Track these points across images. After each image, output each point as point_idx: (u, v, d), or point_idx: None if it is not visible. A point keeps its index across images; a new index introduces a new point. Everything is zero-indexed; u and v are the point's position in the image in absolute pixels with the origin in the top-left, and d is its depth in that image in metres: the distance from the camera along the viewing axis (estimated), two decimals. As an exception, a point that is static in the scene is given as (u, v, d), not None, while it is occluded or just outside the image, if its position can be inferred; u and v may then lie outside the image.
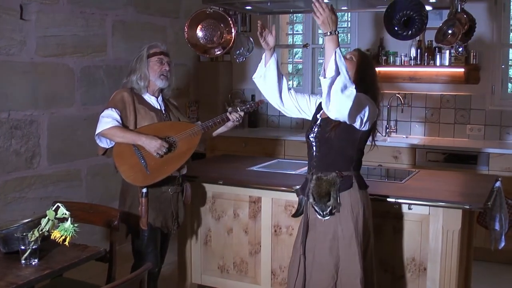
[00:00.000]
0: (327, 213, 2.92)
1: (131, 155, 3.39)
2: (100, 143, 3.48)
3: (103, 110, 3.45)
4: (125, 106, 3.45)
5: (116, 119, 3.39)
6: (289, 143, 5.77)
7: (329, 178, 2.93)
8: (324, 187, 2.92)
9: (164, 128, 3.49)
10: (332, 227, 2.93)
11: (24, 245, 2.61)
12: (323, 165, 2.99)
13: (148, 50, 3.54)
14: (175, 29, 5.95)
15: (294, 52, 7.30)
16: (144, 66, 3.50)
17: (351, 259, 2.93)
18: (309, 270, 3.01)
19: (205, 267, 4.12)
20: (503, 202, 3.64)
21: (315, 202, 2.95)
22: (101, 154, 3.55)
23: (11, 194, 4.34)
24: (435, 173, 4.28)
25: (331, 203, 2.90)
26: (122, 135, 3.37)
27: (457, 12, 4.24)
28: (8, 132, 4.29)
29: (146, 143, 3.35)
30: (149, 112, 3.50)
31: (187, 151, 3.50)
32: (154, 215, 3.49)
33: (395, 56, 5.65)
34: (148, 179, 3.40)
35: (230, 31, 4.65)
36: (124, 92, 3.49)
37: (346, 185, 2.93)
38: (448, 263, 3.32)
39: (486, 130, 5.55)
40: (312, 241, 3.01)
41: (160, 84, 3.54)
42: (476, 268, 4.15)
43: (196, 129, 3.52)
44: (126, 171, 3.39)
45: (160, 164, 3.41)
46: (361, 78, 2.95)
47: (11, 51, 4.29)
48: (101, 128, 3.38)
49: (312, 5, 2.79)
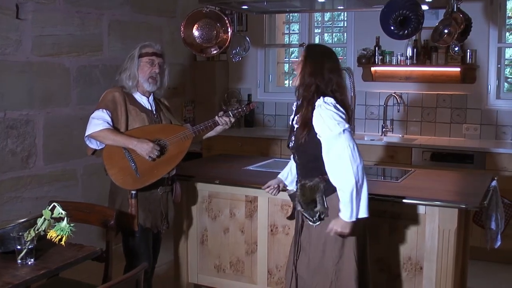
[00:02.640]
0: (316, 219, 2.90)
1: (121, 158, 3.35)
2: (90, 144, 3.44)
3: (93, 111, 3.40)
4: (116, 106, 3.40)
5: (107, 121, 3.34)
6: (285, 142, 5.73)
7: (312, 184, 2.90)
8: (309, 193, 2.90)
9: (155, 131, 3.46)
10: (323, 231, 2.90)
11: (20, 244, 2.60)
12: (305, 171, 2.98)
13: (140, 49, 3.48)
14: (171, 28, 5.95)
15: (290, 52, 7.29)
16: (134, 65, 3.44)
17: (345, 261, 2.92)
18: (304, 275, 3.01)
19: (202, 267, 4.12)
20: (499, 201, 3.65)
21: (303, 210, 2.95)
22: (90, 155, 3.52)
23: (7, 194, 4.33)
24: (431, 173, 4.28)
25: (318, 209, 2.88)
26: (113, 138, 3.32)
27: (453, 12, 4.25)
28: (3, 132, 4.28)
29: (137, 146, 3.31)
30: (140, 113, 3.45)
31: (178, 155, 3.46)
32: (144, 215, 3.46)
33: (391, 56, 5.66)
34: (138, 183, 3.37)
35: (227, 30, 4.65)
36: (116, 92, 3.44)
37: (332, 188, 2.86)
38: (444, 262, 3.32)
39: (482, 129, 5.56)
40: (306, 244, 3.01)
41: (148, 87, 3.47)
42: (472, 267, 4.16)
43: (187, 132, 3.48)
44: (115, 174, 3.36)
45: (151, 168, 3.37)
46: (311, 72, 2.88)
47: (7, 51, 4.28)
48: (92, 130, 3.33)
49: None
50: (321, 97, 2.85)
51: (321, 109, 2.83)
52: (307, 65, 2.91)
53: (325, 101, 2.83)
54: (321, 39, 6.69)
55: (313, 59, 2.93)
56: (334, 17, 6.97)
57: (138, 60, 3.45)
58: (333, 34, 6.88)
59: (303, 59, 2.95)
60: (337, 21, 7.06)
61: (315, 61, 2.92)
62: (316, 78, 2.88)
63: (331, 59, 2.95)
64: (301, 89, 2.93)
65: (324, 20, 6.75)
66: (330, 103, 2.83)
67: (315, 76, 2.88)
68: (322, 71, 2.88)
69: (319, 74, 2.88)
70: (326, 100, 2.83)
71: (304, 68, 2.92)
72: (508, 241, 4.50)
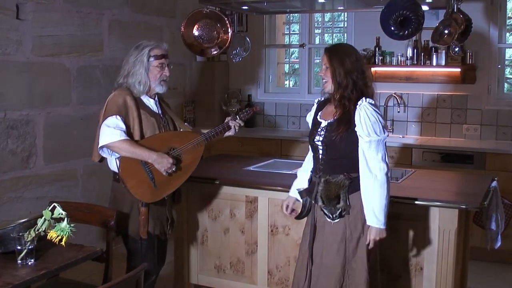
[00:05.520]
0: (336, 216, 2.93)
1: (139, 170, 3.23)
2: (102, 153, 3.29)
3: (106, 117, 3.21)
4: (128, 112, 3.25)
5: (123, 129, 3.19)
6: (286, 143, 5.77)
7: (337, 180, 2.93)
8: (333, 189, 2.93)
9: (168, 138, 3.37)
10: (341, 229, 2.94)
11: (20, 245, 2.60)
12: (330, 168, 2.99)
13: (149, 52, 3.31)
14: (172, 28, 5.95)
15: (290, 52, 7.30)
16: (143, 70, 3.29)
17: (357, 260, 2.95)
18: (316, 273, 3.02)
19: (202, 267, 4.12)
20: (499, 202, 3.65)
21: (324, 205, 2.95)
22: (97, 161, 3.39)
23: (7, 194, 4.33)
24: (431, 173, 4.28)
25: (340, 206, 2.91)
26: (131, 151, 3.18)
27: (453, 12, 4.25)
28: (4, 132, 4.28)
29: (157, 161, 3.21)
30: (150, 118, 3.34)
31: (192, 163, 3.39)
32: (153, 223, 3.38)
33: (391, 56, 5.66)
34: (156, 195, 3.28)
35: (227, 30, 4.65)
36: (127, 96, 3.27)
37: (355, 187, 2.92)
38: (444, 262, 3.32)
39: (482, 130, 5.56)
40: (320, 244, 3.02)
41: (160, 90, 3.38)
42: (473, 267, 4.16)
43: (200, 139, 3.40)
44: (134, 186, 3.22)
45: (167, 179, 3.29)
46: (343, 73, 2.92)
47: (7, 51, 4.28)
48: (108, 140, 3.16)
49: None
50: (363, 98, 2.91)
51: (366, 111, 2.89)
52: (336, 68, 2.94)
53: (369, 102, 2.90)
54: (321, 39, 6.69)
55: (340, 60, 2.95)
56: (334, 18, 6.97)
57: (148, 63, 3.30)
58: (333, 35, 6.88)
59: (329, 63, 2.97)
60: (337, 22, 7.07)
61: (343, 62, 2.94)
62: (350, 76, 2.92)
63: (352, 54, 2.99)
64: (339, 92, 2.95)
65: (324, 20, 6.75)
66: (372, 104, 2.91)
67: (349, 75, 2.92)
68: (352, 68, 2.93)
69: (350, 72, 2.93)
70: (369, 101, 2.90)
71: (334, 72, 2.94)
72: (508, 241, 4.51)
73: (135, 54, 3.33)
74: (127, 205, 3.35)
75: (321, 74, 3.04)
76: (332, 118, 2.99)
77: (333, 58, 2.97)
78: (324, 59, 3.01)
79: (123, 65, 3.40)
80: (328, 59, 2.97)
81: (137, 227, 3.33)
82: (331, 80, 2.97)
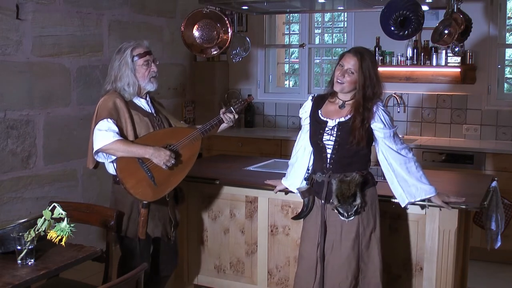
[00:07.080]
0: (352, 213, 2.97)
1: (137, 169, 3.16)
2: (98, 158, 3.24)
3: (97, 122, 3.16)
4: (119, 114, 3.20)
5: (115, 131, 3.13)
6: (286, 143, 5.77)
7: (352, 178, 2.98)
8: (350, 188, 2.96)
9: (164, 136, 3.31)
10: (355, 226, 3.00)
11: (20, 245, 2.60)
12: (341, 166, 3.03)
13: (131, 52, 3.25)
14: (172, 29, 5.95)
15: (290, 52, 7.30)
16: (130, 71, 3.23)
17: (371, 254, 3.04)
18: (328, 272, 3.04)
19: (202, 267, 4.12)
20: (499, 202, 3.65)
21: (339, 204, 2.98)
22: (92, 168, 3.35)
23: (7, 194, 4.33)
24: (431, 173, 4.25)
25: (357, 203, 2.96)
26: (127, 150, 3.12)
27: (453, 12, 4.25)
28: (4, 132, 4.28)
29: (154, 155, 3.14)
30: (143, 118, 3.29)
31: (190, 158, 3.33)
32: (153, 224, 3.34)
33: (391, 56, 5.66)
34: (157, 193, 3.21)
35: (227, 30, 4.65)
36: (117, 99, 3.21)
37: (367, 183, 3.03)
38: (444, 262, 3.33)
39: (482, 130, 5.56)
40: (330, 243, 3.05)
41: (151, 88, 3.32)
42: (472, 267, 4.16)
43: (196, 134, 3.35)
44: (134, 187, 3.15)
45: (167, 176, 3.22)
46: (369, 91, 3.00)
47: (7, 51, 4.28)
48: (102, 144, 3.11)
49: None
50: (378, 102, 3.04)
51: (381, 110, 3.04)
52: (366, 77, 2.99)
53: (382, 105, 3.06)
54: (321, 39, 6.69)
55: (368, 68, 3.00)
56: (334, 18, 6.98)
57: (133, 63, 3.25)
58: (333, 35, 6.89)
59: (360, 70, 2.97)
60: (337, 22, 7.07)
61: (370, 71, 3.00)
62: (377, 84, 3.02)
63: (376, 61, 3.15)
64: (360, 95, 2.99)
65: (324, 20, 6.75)
66: (384, 106, 3.10)
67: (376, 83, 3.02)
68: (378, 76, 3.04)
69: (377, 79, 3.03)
70: (382, 104, 3.08)
71: (364, 80, 2.98)
72: (508, 241, 4.51)
73: (118, 58, 3.28)
74: (128, 207, 3.31)
75: (343, 78, 3.00)
76: (341, 117, 3.03)
77: (363, 65, 2.98)
78: (351, 63, 2.99)
79: (108, 72, 3.35)
80: (360, 66, 2.98)
81: (136, 228, 3.30)
82: (353, 85, 2.99)
